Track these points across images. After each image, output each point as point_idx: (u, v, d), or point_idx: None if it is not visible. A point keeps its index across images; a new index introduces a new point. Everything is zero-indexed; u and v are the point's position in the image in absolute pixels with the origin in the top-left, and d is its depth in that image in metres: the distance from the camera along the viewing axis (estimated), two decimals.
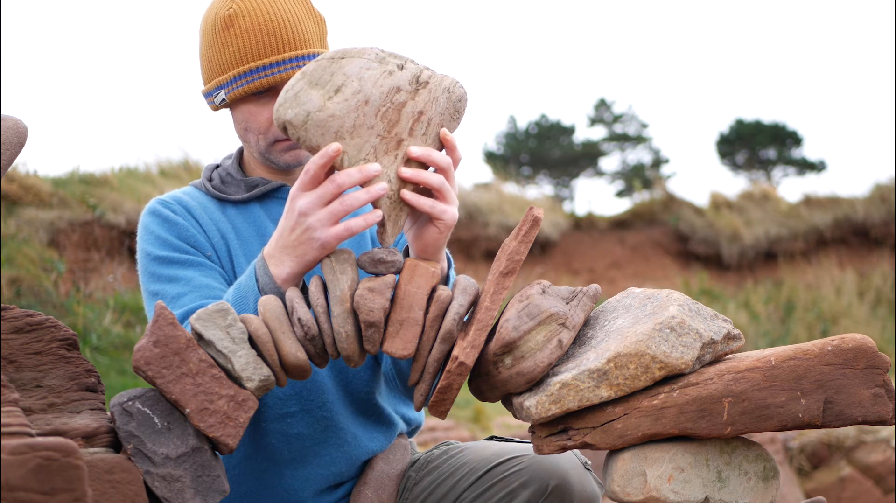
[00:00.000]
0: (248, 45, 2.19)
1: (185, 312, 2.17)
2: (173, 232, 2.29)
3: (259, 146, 2.31)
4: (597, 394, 1.89)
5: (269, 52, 2.19)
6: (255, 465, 2.29)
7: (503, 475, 2.18)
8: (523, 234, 1.97)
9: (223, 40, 2.21)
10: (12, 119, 1.93)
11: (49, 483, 1.44)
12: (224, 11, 2.20)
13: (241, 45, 2.19)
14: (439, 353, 1.95)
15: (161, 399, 1.88)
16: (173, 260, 2.24)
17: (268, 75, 2.20)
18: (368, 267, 1.95)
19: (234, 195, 2.37)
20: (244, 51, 2.19)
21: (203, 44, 2.27)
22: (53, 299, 8.42)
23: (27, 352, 1.88)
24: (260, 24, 2.18)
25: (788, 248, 15.32)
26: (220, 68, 2.23)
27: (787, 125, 26.60)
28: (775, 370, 1.88)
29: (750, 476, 1.94)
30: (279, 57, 2.19)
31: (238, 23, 2.18)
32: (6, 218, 9.11)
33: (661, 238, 15.41)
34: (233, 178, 2.39)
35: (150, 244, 2.27)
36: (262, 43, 2.19)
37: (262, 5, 2.18)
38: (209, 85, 2.28)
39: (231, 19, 2.19)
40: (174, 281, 2.22)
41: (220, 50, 2.21)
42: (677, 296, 1.95)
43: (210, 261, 2.28)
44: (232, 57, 2.20)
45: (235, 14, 2.18)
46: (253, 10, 2.18)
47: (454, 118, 2.01)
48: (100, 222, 9.94)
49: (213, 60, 2.23)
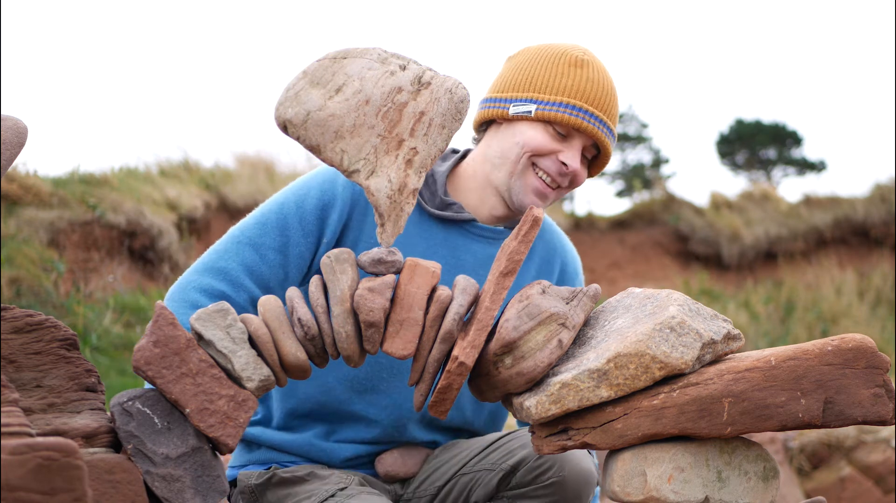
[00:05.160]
0: (585, 88, 2.34)
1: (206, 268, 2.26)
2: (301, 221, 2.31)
3: (511, 169, 2.37)
4: (597, 394, 1.89)
5: (596, 104, 2.34)
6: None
7: (505, 442, 2.35)
8: (523, 234, 1.97)
9: (565, 71, 2.34)
10: (12, 119, 1.93)
11: (49, 483, 1.44)
12: (578, 53, 2.38)
13: (579, 84, 2.34)
14: (439, 353, 1.95)
15: (161, 399, 1.88)
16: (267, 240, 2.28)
17: (582, 118, 2.33)
18: (368, 267, 1.95)
19: (426, 202, 2.40)
20: (579, 89, 2.33)
21: (535, 63, 2.37)
22: (53, 299, 8.42)
23: (27, 352, 1.88)
24: (601, 80, 2.36)
25: (788, 248, 15.31)
26: (547, 89, 2.34)
27: (787, 125, 26.59)
28: (775, 370, 1.88)
29: (750, 476, 1.94)
30: (599, 114, 2.34)
31: (586, 68, 2.35)
32: (6, 218, 9.11)
33: (661, 238, 15.41)
34: (435, 183, 2.42)
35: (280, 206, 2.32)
36: (596, 95, 2.35)
37: (605, 73, 2.40)
38: (521, 94, 2.36)
39: (583, 63, 2.35)
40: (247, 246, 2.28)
41: (558, 76, 2.34)
42: (677, 296, 1.95)
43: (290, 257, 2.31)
44: (566, 86, 2.33)
45: (587, 62, 2.36)
46: (599, 70, 2.38)
47: (456, 119, 2.01)
48: (100, 222, 9.94)
49: (542, 79, 2.35)
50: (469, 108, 2.04)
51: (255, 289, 2.27)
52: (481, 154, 2.42)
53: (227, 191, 11.88)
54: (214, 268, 2.26)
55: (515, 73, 2.38)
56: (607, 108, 2.35)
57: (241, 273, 2.25)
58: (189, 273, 2.30)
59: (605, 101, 2.34)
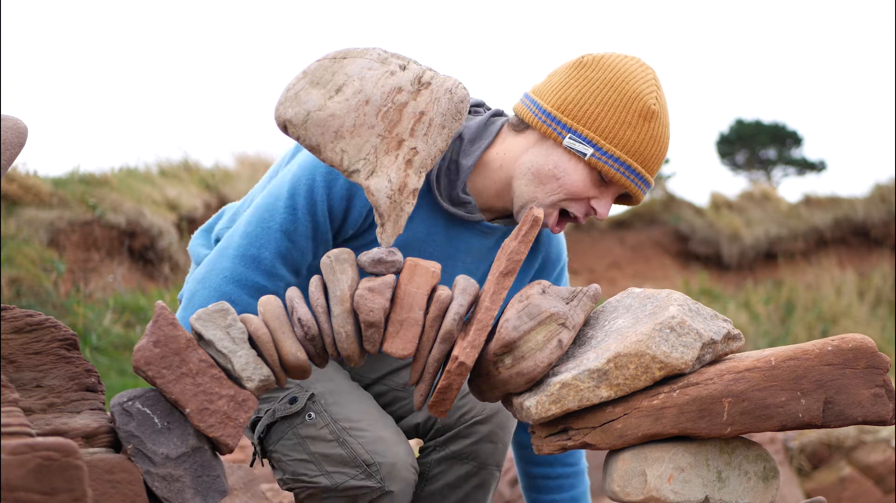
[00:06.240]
0: (646, 148, 2.24)
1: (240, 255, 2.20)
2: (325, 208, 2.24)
3: (538, 195, 2.27)
4: (597, 394, 1.89)
5: (649, 166, 2.26)
6: None
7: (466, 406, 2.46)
8: (523, 234, 1.97)
9: (633, 121, 2.23)
10: (12, 119, 1.93)
11: (49, 483, 1.44)
12: (650, 102, 2.24)
13: (642, 142, 2.24)
14: (439, 353, 1.95)
15: (161, 399, 1.88)
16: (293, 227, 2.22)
17: (632, 181, 2.24)
18: (368, 267, 1.95)
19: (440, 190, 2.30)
20: (640, 149, 2.24)
21: (606, 97, 2.23)
22: (53, 299, 8.42)
23: (27, 352, 1.88)
24: (662, 139, 2.26)
25: (788, 248, 15.30)
26: (610, 137, 2.22)
27: (787, 125, 26.54)
28: (775, 370, 1.88)
29: (750, 476, 1.94)
30: (647, 176, 2.26)
31: (654, 122, 2.24)
32: (6, 218, 9.11)
33: (661, 238, 15.41)
34: (458, 174, 2.30)
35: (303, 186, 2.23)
36: (653, 156, 2.25)
37: (667, 127, 2.29)
38: (581, 129, 2.23)
39: (652, 115, 2.24)
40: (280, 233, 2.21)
41: (624, 125, 2.23)
42: (677, 296, 1.95)
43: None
44: (629, 141, 2.22)
45: (656, 114, 2.24)
46: (664, 125, 2.27)
47: (456, 119, 2.01)
48: (100, 222, 9.94)
49: (608, 123, 2.23)
50: (468, 107, 2.04)
51: (287, 275, 2.22)
52: (515, 153, 2.29)
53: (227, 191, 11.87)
54: (247, 255, 2.19)
55: (583, 98, 2.23)
56: (657, 168, 2.29)
57: (277, 261, 2.19)
58: (221, 258, 2.22)
59: (658, 163, 2.28)
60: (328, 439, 2.25)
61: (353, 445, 2.25)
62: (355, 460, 2.23)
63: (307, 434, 2.27)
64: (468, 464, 2.43)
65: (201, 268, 2.23)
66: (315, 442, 2.27)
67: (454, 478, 2.44)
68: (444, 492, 2.45)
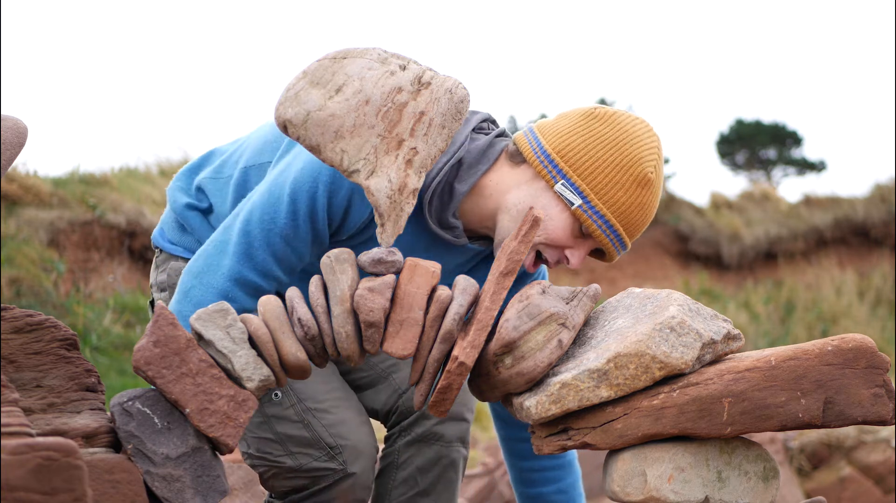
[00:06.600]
0: (634, 215, 2.24)
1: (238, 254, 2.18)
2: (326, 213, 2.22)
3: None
4: (597, 394, 1.89)
5: (632, 232, 2.27)
6: None
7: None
8: (523, 234, 1.97)
9: (628, 185, 2.22)
10: (12, 119, 1.93)
11: (49, 483, 1.44)
12: (649, 170, 2.24)
13: (631, 208, 2.23)
14: (439, 353, 1.95)
15: (161, 399, 1.88)
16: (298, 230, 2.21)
17: (611, 242, 2.25)
18: (368, 267, 1.95)
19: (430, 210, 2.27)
20: (628, 214, 2.24)
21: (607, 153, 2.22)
22: (53, 299, 8.43)
23: (27, 352, 1.88)
24: (650, 208, 2.27)
25: (788, 248, 15.31)
26: (601, 194, 2.22)
27: (787, 125, 26.53)
28: (775, 370, 1.88)
29: (750, 476, 1.94)
30: (627, 240, 2.26)
31: (647, 191, 2.24)
32: (6, 218, 9.12)
33: (661, 238, 15.41)
34: (451, 199, 2.28)
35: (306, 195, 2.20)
36: (638, 223, 2.26)
37: (657, 196, 2.29)
38: (576, 178, 2.22)
39: (648, 184, 2.24)
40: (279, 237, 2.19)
41: (618, 186, 2.22)
42: (677, 296, 1.95)
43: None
44: (619, 203, 2.22)
45: (651, 183, 2.24)
46: (655, 194, 2.28)
47: (456, 119, 2.01)
48: (100, 222, 9.94)
49: (603, 179, 2.22)
50: (469, 107, 2.04)
51: (283, 276, 2.23)
52: (507, 186, 2.27)
53: None
54: (247, 255, 2.19)
55: (584, 149, 2.22)
56: (637, 235, 2.29)
57: (274, 264, 2.20)
58: (221, 254, 2.21)
59: (640, 230, 2.28)
60: (293, 420, 2.31)
61: (316, 427, 2.32)
62: (319, 443, 2.31)
63: (273, 413, 2.34)
64: (435, 445, 2.48)
65: (198, 261, 2.21)
66: (280, 422, 2.33)
67: (423, 461, 2.48)
68: (417, 477, 2.49)
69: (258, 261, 2.18)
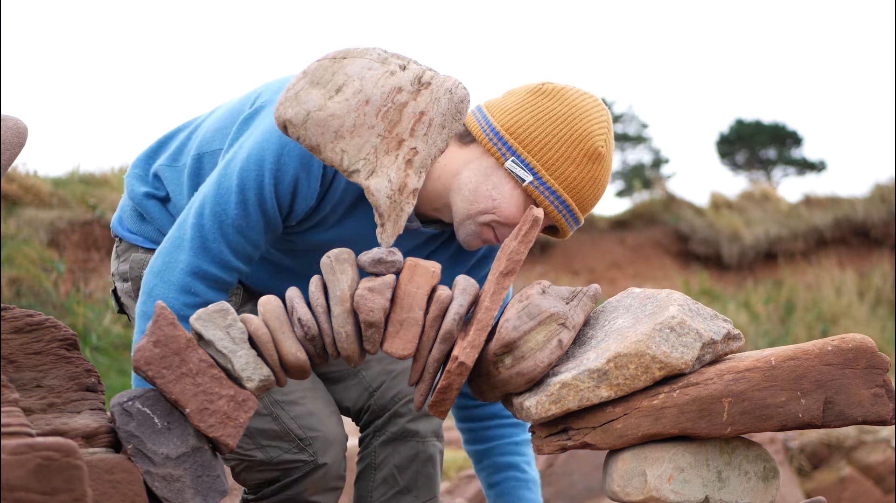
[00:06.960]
0: (585, 189, 2.24)
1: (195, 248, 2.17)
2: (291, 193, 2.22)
3: (472, 213, 2.25)
4: (597, 394, 1.89)
5: (584, 206, 2.27)
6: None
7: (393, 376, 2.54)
8: (523, 234, 1.97)
9: (578, 160, 2.22)
10: (12, 119, 1.94)
11: (49, 483, 1.44)
12: (599, 144, 2.24)
13: (582, 182, 2.24)
14: (439, 353, 1.95)
15: (161, 399, 1.88)
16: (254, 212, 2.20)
17: (564, 217, 2.25)
18: (368, 267, 1.96)
19: None
20: (579, 188, 2.24)
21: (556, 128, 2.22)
22: (53, 299, 8.43)
23: (27, 352, 1.88)
24: (602, 182, 2.27)
25: (788, 248, 15.30)
26: (552, 169, 2.21)
27: (787, 125, 26.59)
28: (775, 370, 1.88)
29: (750, 476, 1.94)
30: (579, 215, 2.27)
31: (598, 165, 2.24)
32: (6, 218, 9.12)
33: (661, 238, 15.41)
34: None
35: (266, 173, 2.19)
36: (590, 198, 2.27)
37: (608, 171, 2.29)
38: (526, 154, 2.21)
39: (599, 158, 2.23)
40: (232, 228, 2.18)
41: (569, 161, 2.22)
42: (677, 296, 1.95)
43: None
44: (570, 178, 2.22)
45: (602, 157, 2.24)
46: (606, 168, 2.27)
47: (456, 119, 2.01)
48: (100, 222, 9.94)
49: (553, 155, 2.21)
50: (469, 107, 2.04)
51: (242, 266, 2.24)
52: (456, 166, 2.27)
53: None
54: (203, 248, 2.19)
55: (534, 125, 2.22)
56: (589, 209, 2.29)
57: (231, 256, 2.20)
58: (178, 250, 2.20)
59: (592, 205, 2.28)
60: (262, 413, 2.31)
61: (285, 420, 2.32)
62: (288, 435, 2.31)
63: None
64: (411, 442, 2.49)
65: (157, 261, 2.22)
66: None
67: (401, 458, 2.48)
68: (396, 475, 2.49)
69: (214, 253, 2.18)
